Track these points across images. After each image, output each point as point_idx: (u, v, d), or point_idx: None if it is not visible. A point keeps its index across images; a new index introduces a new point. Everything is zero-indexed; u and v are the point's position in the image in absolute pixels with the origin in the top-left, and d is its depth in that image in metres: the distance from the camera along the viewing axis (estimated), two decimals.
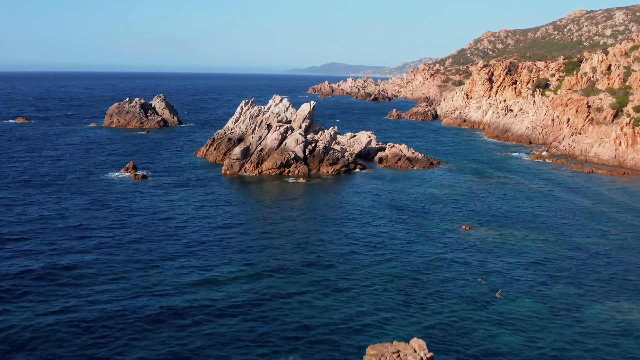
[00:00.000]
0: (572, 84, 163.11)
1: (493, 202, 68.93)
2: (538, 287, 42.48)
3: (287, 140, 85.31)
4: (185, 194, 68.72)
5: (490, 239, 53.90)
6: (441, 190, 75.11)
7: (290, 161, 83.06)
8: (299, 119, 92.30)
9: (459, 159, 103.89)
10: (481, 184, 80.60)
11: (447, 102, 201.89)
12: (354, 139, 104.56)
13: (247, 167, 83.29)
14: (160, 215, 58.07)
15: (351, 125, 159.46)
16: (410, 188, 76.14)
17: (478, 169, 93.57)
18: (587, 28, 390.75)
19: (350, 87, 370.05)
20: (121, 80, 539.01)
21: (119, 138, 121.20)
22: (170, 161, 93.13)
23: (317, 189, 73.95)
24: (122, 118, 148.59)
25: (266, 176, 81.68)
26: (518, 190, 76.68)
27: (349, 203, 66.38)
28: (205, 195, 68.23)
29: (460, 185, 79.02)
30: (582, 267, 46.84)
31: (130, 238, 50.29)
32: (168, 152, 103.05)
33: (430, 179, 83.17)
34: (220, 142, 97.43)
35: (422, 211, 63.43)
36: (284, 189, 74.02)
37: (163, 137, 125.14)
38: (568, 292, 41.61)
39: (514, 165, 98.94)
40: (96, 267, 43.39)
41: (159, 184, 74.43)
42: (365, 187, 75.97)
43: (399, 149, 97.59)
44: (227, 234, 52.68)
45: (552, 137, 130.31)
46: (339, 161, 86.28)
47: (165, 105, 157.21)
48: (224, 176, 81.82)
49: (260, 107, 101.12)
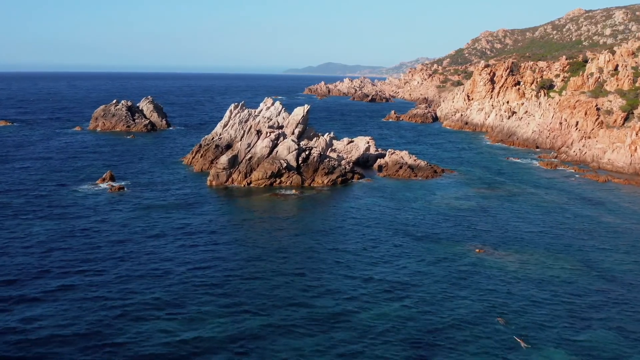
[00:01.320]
0: (577, 85, 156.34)
1: (506, 219, 61.93)
2: (569, 332, 35.53)
3: (278, 148, 78.24)
4: (163, 211, 61.53)
5: (507, 265, 46.94)
6: (448, 204, 68.11)
7: (282, 171, 76.00)
8: (292, 124, 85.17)
9: (464, 166, 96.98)
10: (491, 196, 73.63)
11: (448, 104, 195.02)
12: (352, 145, 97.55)
13: (234, 178, 76.18)
14: (127, 246, 50.26)
15: (348, 129, 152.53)
16: (414, 201, 69.12)
17: (485, 177, 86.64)
18: (587, 28, 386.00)
19: (347, 87, 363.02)
20: (117, 81, 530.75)
21: (102, 143, 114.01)
22: (152, 170, 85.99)
23: (311, 204, 66.85)
24: (108, 121, 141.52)
25: (255, 187, 74.60)
26: (532, 204, 69.73)
27: (345, 222, 59.29)
28: (184, 215, 61.06)
29: (468, 197, 72.03)
30: (620, 305, 39.88)
31: (87, 281, 42.84)
32: (152, 159, 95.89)
33: (434, 190, 76.19)
34: (207, 148, 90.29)
35: (428, 231, 56.37)
36: (274, 203, 66.92)
37: (149, 142, 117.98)
38: (607, 339, 34.69)
39: (523, 173, 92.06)
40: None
41: (135, 198, 67.23)
42: (363, 200, 68.91)
43: (399, 155, 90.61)
44: (203, 275, 45.59)
45: (560, 141, 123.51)
46: (335, 170, 79.24)
47: (153, 108, 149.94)
48: (209, 188, 74.71)
49: (251, 111, 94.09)
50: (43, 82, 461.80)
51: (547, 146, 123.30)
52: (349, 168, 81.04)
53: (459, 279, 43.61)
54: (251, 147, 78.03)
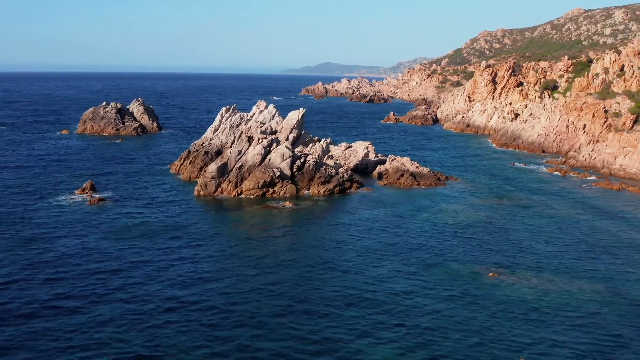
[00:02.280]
0: (583, 86, 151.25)
1: (519, 235, 56.70)
2: None
3: (271, 155, 72.93)
4: (145, 229, 56.19)
5: (525, 292, 41.73)
6: (454, 217, 62.85)
7: (274, 180, 70.71)
8: (286, 130, 79.86)
9: (469, 172, 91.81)
10: (500, 207, 68.39)
11: (448, 105, 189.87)
12: (350, 151, 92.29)
13: (224, 187, 70.86)
14: (102, 279, 44.90)
15: (347, 132, 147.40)
16: (417, 214, 63.84)
17: (492, 186, 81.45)
18: (586, 27, 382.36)
19: (344, 88, 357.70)
20: (115, 81, 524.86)
21: (88, 148, 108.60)
22: (137, 178, 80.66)
23: (306, 218, 61.54)
24: (97, 124, 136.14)
25: (246, 198, 69.31)
26: (545, 216, 64.51)
27: (342, 239, 54.02)
28: (168, 236, 55.76)
29: (475, 209, 66.78)
30: None
31: (57, 325, 37.70)
32: (138, 165, 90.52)
33: (439, 200, 70.93)
34: (196, 155, 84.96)
35: (434, 251, 51.12)
36: (266, 217, 61.62)
37: (137, 147, 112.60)
38: None
39: (531, 180, 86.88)
40: None
41: (115, 213, 61.85)
42: (362, 214, 63.60)
43: (400, 162, 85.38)
44: (190, 318, 40.29)
45: (567, 145, 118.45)
46: (332, 179, 73.97)
47: (143, 110, 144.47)
48: (196, 199, 69.41)
49: (243, 115, 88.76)
50: (39, 82, 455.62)
51: (553, 150, 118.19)
52: (347, 176, 75.78)
53: (471, 308, 38.39)
54: (242, 154, 72.72)
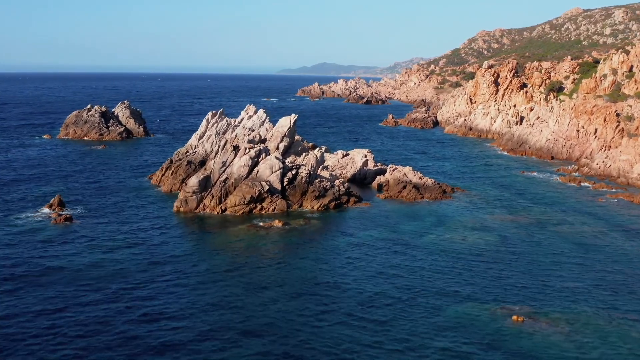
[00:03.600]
0: (590, 88, 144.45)
1: (542, 262, 49.43)
2: None
3: (259, 167, 65.62)
4: (113, 255, 48.89)
5: (561, 344, 34.54)
6: (464, 239, 55.60)
7: (263, 195, 63.43)
8: (276, 138, 72.57)
9: (476, 183, 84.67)
10: (515, 226, 61.15)
11: (449, 107, 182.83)
12: (347, 159, 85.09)
13: (206, 203, 63.53)
14: (61, 324, 37.89)
15: (343, 137, 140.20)
16: (422, 235, 56.58)
17: (503, 199, 74.28)
18: (586, 27, 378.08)
19: (341, 89, 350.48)
20: (110, 82, 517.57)
21: (67, 155, 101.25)
22: (113, 190, 73.33)
23: (297, 241, 54.19)
24: (80, 129, 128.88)
25: (231, 215, 62.02)
26: (567, 238, 57.27)
27: (338, 272, 46.72)
28: (138, 266, 48.46)
29: (488, 228, 59.53)
30: None
31: None
32: (116, 176, 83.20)
33: (446, 218, 63.66)
34: (178, 165, 77.66)
35: (444, 284, 43.84)
36: (252, 240, 54.25)
37: (119, 154, 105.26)
38: None
39: (545, 191, 79.78)
40: None
41: (81, 236, 54.45)
42: (360, 236, 56.24)
43: (402, 172, 78.19)
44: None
45: (577, 151, 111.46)
46: (328, 193, 66.71)
47: (129, 114, 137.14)
48: (176, 215, 62.12)
49: (230, 121, 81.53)
50: (33, 83, 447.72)
51: (563, 156, 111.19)
52: (343, 190, 68.50)
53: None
54: (227, 166, 65.37)
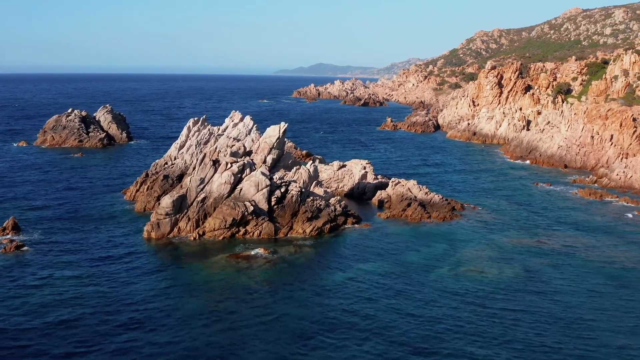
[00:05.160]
0: (600, 90, 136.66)
1: (579, 307, 40.77)
2: None
3: (243, 185, 57.04)
4: (53, 309, 40.31)
5: None
6: (483, 274, 46.92)
7: (247, 217, 54.88)
8: (263, 150, 63.93)
9: (487, 197, 76.26)
10: (539, 253, 52.60)
11: (450, 110, 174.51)
12: (344, 171, 76.55)
13: (182, 227, 54.95)
14: None
15: (340, 144, 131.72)
16: (432, 269, 47.99)
17: (520, 218, 65.82)
18: (586, 27, 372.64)
19: (338, 90, 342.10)
20: (102, 83, 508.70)
21: (38, 165, 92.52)
22: (80, 209, 64.70)
23: (284, 277, 45.56)
24: (58, 135, 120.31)
25: (210, 241, 53.49)
26: (601, 269, 48.81)
27: (328, 321, 38.10)
28: (85, 331, 39.85)
29: (508, 258, 50.96)
30: None
31: None
32: (88, 190, 74.55)
33: (458, 243, 55.10)
34: (154, 179, 69.06)
35: (458, 344, 35.25)
36: (232, 275, 45.61)
37: (96, 163, 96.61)
38: None
39: (564, 208, 71.40)
40: None
41: (30, 266, 45.89)
42: (358, 269, 47.54)
43: (406, 187, 69.74)
44: None
45: (592, 159, 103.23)
46: (322, 214, 58.17)
47: (111, 119, 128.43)
48: (146, 242, 53.54)
49: (213, 130, 72.98)
50: (19, 85, 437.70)
51: (577, 165, 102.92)
52: (340, 209, 59.95)
53: None
54: (205, 183, 56.77)
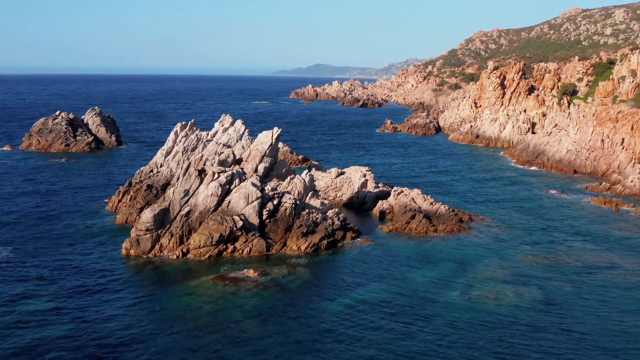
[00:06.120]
0: (608, 91, 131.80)
1: (610, 336, 36.02)
2: None
3: (232, 197, 51.94)
4: (33, 322, 35.19)
5: None
6: (498, 297, 41.88)
7: (235, 232, 49.79)
8: (254, 158, 58.77)
9: (496, 207, 71.16)
10: (557, 273, 47.50)
11: (452, 112, 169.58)
12: (342, 179, 71.48)
13: (164, 244, 49.81)
14: None
15: (338, 148, 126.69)
16: (441, 293, 42.83)
17: (533, 230, 60.73)
18: (586, 27, 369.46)
19: (336, 91, 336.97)
20: (99, 84, 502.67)
21: (19, 171, 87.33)
22: (58, 221, 59.56)
23: (274, 304, 40.37)
24: (44, 139, 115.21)
25: (195, 260, 48.38)
26: (627, 291, 43.79)
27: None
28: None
29: (524, 280, 45.83)
30: None
31: None
32: (69, 199, 69.39)
33: (468, 262, 50.01)
34: (137, 189, 63.92)
35: None
36: (217, 302, 40.41)
37: (81, 169, 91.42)
38: None
39: (579, 218, 66.40)
40: None
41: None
42: (359, 294, 42.29)
43: (409, 196, 64.68)
44: None
45: (603, 164, 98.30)
46: (318, 228, 53.07)
47: (100, 121, 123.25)
48: (124, 261, 48.42)
49: (201, 135, 67.85)
50: (12, 86, 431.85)
51: (587, 170, 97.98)
52: (338, 223, 54.85)
53: None
54: (190, 195, 51.66)
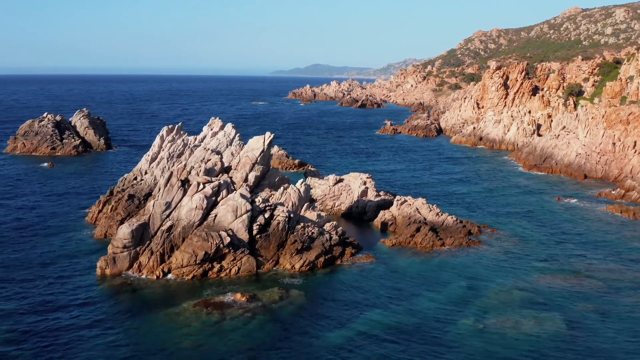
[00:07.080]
0: (615, 92, 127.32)
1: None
2: None
3: (218, 210, 46.98)
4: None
5: None
6: (516, 326, 36.96)
7: (222, 250, 44.83)
8: (244, 165, 53.78)
9: (506, 217, 66.20)
10: (579, 294, 42.69)
11: (453, 113, 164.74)
12: (341, 187, 66.55)
13: (142, 262, 44.81)
14: None
15: (337, 152, 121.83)
16: (453, 320, 37.95)
17: (548, 244, 55.85)
18: (586, 27, 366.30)
19: (334, 91, 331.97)
20: (96, 84, 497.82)
21: (0, 178, 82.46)
22: (32, 235, 54.64)
23: (264, 334, 35.45)
24: (29, 142, 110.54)
25: (177, 282, 43.45)
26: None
27: None
28: None
29: (543, 303, 40.82)
30: None
31: None
32: (48, 209, 64.45)
33: (480, 282, 45.06)
34: (119, 199, 58.94)
35: None
36: (198, 335, 35.50)
37: (65, 175, 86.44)
38: None
39: (596, 229, 61.55)
40: None
41: None
42: (360, 324, 37.31)
43: (413, 206, 59.76)
44: None
45: (615, 168, 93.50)
46: (314, 244, 48.14)
47: (88, 123, 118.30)
48: (99, 282, 43.47)
49: (188, 140, 62.86)
50: (14, 86, 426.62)
51: (598, 175, 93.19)
52: (336, 237, 49.89)
53: None
54: (172, 208, 46.70)
